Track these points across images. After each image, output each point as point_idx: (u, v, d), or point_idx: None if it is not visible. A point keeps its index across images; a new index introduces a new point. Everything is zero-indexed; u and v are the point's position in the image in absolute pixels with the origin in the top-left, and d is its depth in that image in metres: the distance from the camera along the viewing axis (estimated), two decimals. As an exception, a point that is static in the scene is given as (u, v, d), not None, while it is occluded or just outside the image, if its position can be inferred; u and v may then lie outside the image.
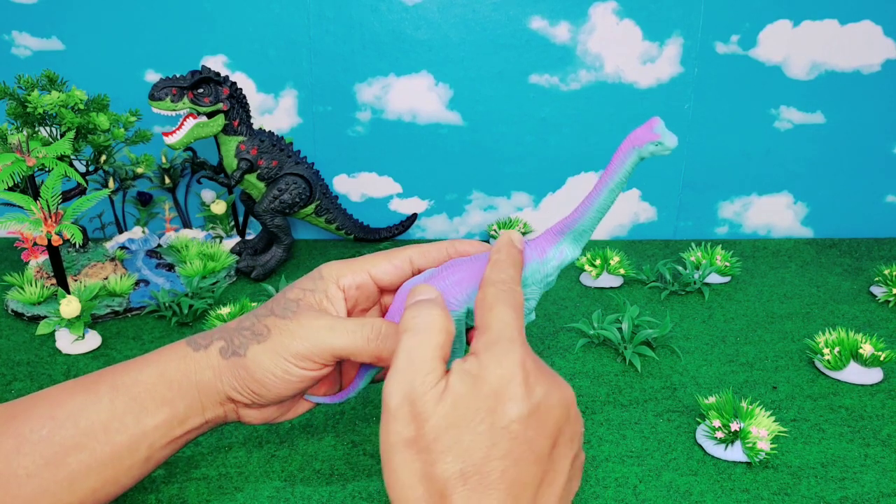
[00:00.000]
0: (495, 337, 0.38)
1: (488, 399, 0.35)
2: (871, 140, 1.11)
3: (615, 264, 0.95)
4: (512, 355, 0.36)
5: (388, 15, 1.03)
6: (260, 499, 0.55)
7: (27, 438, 0.43)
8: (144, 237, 1.01)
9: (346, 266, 0.49)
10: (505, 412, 0.35)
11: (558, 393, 0.37)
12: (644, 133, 0.44)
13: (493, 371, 0.36)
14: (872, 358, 0.72)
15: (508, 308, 0.39)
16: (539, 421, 0.36)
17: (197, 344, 0.47)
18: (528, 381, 0.36)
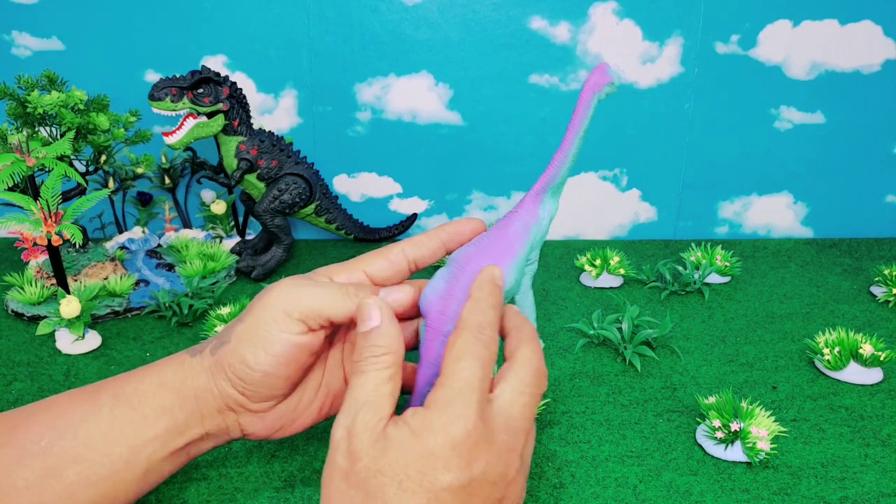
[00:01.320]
0: (452, 396, 0.37)
1: (422, 459, 0.35)
2: (871, 140, 1.11)
3: (615, 264, 0.95)
4: (461, 423, 0.35)
5: (388, 15, 1.03)
6: (260, 499, 0.55)
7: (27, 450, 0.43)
8: (144, 237, 1.01)
9: (339, 266, 0.48)
10: (436, 478, 0.35)
11: (499, 470, 0.36)
12: (600, 77, 0.46)
13: (436, 434, 0.35)
14: (872, 358, 0.72)
15: (477, 363, 0.38)
16: (471, 495, 0.35)
17: (195, 350, 0.47)
18: (470, 453, 0.35)
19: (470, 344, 0.39)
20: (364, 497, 0.35)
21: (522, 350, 0.41)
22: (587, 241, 1.15)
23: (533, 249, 0.48)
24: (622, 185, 1.12)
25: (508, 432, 0.37)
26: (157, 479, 0.46)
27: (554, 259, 1.07)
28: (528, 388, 0.39)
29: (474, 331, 0.39)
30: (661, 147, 1.10)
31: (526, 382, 0.40)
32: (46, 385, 0.71)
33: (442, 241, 0.48)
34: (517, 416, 0.38)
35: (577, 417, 0.66)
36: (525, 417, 0.39)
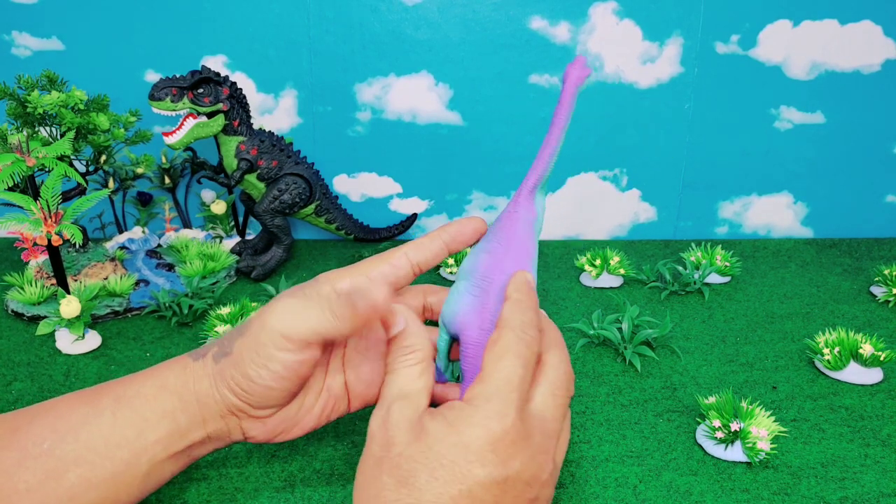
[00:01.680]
0: (491, 392, 0.37)
1: (457, 450, 0.35)
2: (871, 140, 1.11)
3: (615, 264, 0.95)
4: (499, 420, 0.36)
5: (388, 15, 1.03)
6: (260, 499, 0.55)
7: (29, 452, 0.43)
8: (144, 237, 1.01)
9: (343, 271, 0.48)
10: (470, 471, 0.35)
11: (533, 471, 0.36)
12: (581, 71, 0.48)
13: (473, 428, 0.36)
14: (872, 358, 0.72)
15: (518, 362, 0.38)
16: (505, 492, 0.35)
17: (197, 354, 0.47)
18: (507, 451, 0.35)
19: (512, 343, 0.39)
20: (396, 483, 0.35)
21: (552, 354, 0.41)
22: (587, 241, 1.15)
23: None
24: (622, 185, 1.12)
25: (543, 434, 0.37)
26: (158, 481, 0.46)
27: (554, 259, 1.07)
28: (560, 390, 0.40)
29: (517, 330, 0.40)
30: (661, 147, 1.10)
31: (557, 385, 0.40)
32: (46, 385, 0.71)
33: (444, 243, 0.49)
34: (550, 418, 0.38)
35: (577, 417, 0.66)
36: (557, 419, 0.39)
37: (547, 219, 1.14)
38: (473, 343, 0.43)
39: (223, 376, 0.45)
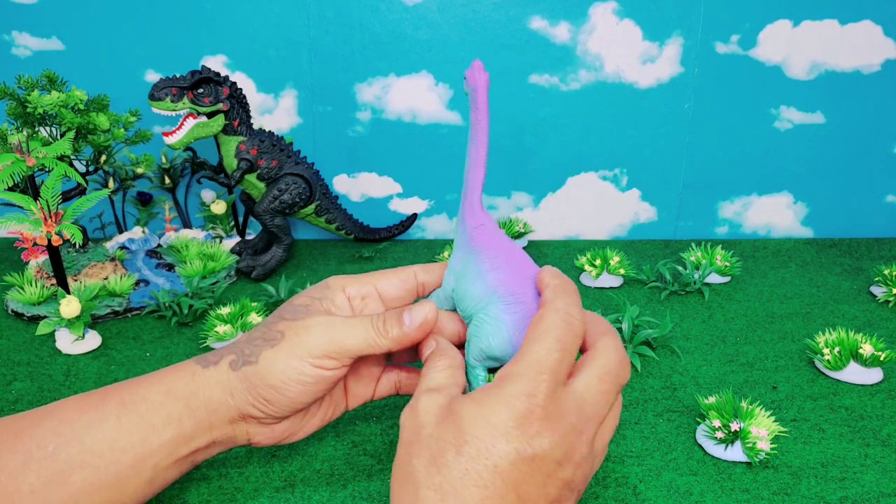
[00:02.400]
0: (521, 372, 0.37)
1: (482, 427, 0.35)
2: (871, 140, 1.11)
3: (615, 264, 0.95)
4: (526, 398, 0.36)
5: (388, 15, 1.03)
6: (260, 499, 0.55)
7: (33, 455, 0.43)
8: (144, 237, 1.01)
9: (352, 278, 0.50)
10: (495, 446, 0.35)
11: (564, 450, 0.36)
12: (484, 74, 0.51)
13: (499, 405, 0.36)
14: (872, 358, 0.72)
15: (557, 345, 0.38)
16: (533, 470, 0.35)
17: (206, 361, 0.47)
18: (532, 428, 0.35)
19: (553, 325, 0.39)
20: (426, 463, 0.36)
21: (604, 340, 0.41)
22: (587, 241, 1.15)
23: None
24: (622, 185, 1.12)
25: (580, 416, 0.37)
26: (161, 484, 0.47)
27: (554, 259, 1.07)
28: (608, 375, 0.39)
29: (560, 311, 0.39)
30: (661, 147, 1.10)
31: (606, 370, 0.39)
32: (46, 385, 0.71)
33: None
34: (592, 401, 0.38)
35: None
36: (600, 404, 0.38)
37: (547, 219, 1.14)
38: None
39: (244, 385, 0.45)
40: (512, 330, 0.43)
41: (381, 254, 1.08)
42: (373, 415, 0.67)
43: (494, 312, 0.44)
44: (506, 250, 0.47)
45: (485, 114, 0.49)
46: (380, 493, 0.56)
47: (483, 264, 0.46)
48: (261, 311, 0.81)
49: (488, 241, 0.47)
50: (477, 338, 0.44)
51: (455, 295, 0.48)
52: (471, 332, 0.45)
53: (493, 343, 0.44)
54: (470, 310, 0.46)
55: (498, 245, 0.47)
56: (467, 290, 0.46)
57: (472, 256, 0.47)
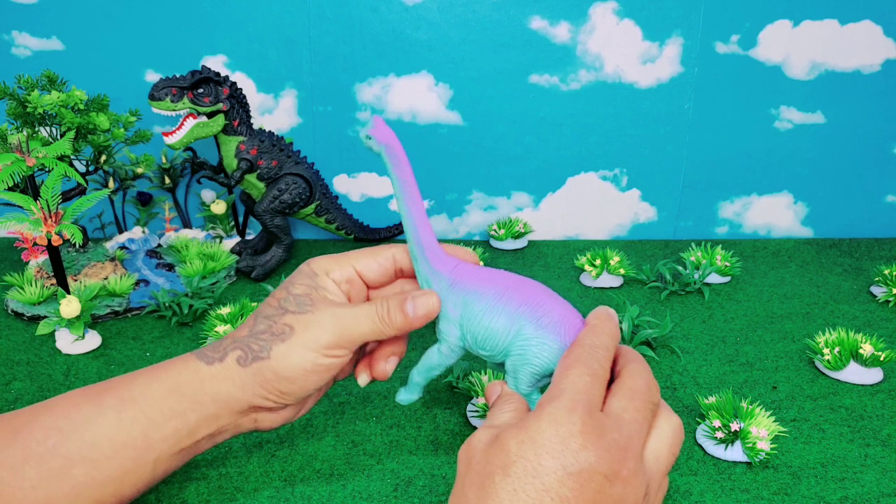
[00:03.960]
0: (558, 394, 0.38)
1: (525, 446, 0.36)
2: (871, 140, 1.11)
3: (615, 264, 0.95)
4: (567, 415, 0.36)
5: (388, 15, 1.03)
6: (260, 499, 0.55)
7: (33, 451, 0.43)
8: (144, 237, 1.01)
9: (332, 261, 0.50)
10: (540, 464, 0.35)
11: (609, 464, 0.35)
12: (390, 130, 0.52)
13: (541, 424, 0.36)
14: (872, 358, 0.72)
15: (586, 372, 0.39)
16: (583, 486, 0.35)
17: (209, 357, 0.47)
18: (576, 442, 0.35)
19: (581, 357, 0.40)
20: (476, 490, 0.36)
21: (630, 366, 0.43)
22: (587, 241, 1.15)
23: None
24: (622, 185, 1.12)
25: (621, 433, 0.38)
26: (164, 473, 0.47)
27: (554, 259, 1.07)
28: (638, 394, 0.40)
29: (587, 347, 0.41)
30: (661, 147, 1.10)
31: (636, 390, 0.40)
32: (46, 385, 0.71)
33: None
34: (629, 419, 0.39)
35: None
36: (637, 421, 0.39)
37: (547, 219, 1.14)
38: None
39: (256, 380, 0.46)
40: (555, 337, 0.44)
41: (381, 254, 1.08)
42: (373, 415, 0.67)
43: (530, 332, 0.45)
44: (492, 275, 0.48)
45: (408, 165, 0.50)
46: (380, 492, 0.56)
47: (487, 298, 0.47)
48: (261, 311, 0.81)
49: (473, 276, 0.48)
50: (525, 364, 0.45)
51: (470, 341, 0.48)
52: (514, 363, 0.46)
53: (545, 358, 0.44)
54: (501, 344, 0.46)
55: (483, 275, 0.48)
56: (488, 328, 0.46)
57: (467, 297, 0.47)
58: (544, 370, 0.45)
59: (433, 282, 0.50)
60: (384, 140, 0.50)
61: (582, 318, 0.46)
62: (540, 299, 0.45)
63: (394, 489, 0.57)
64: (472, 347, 0.48)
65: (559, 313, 0.45)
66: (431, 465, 0.60)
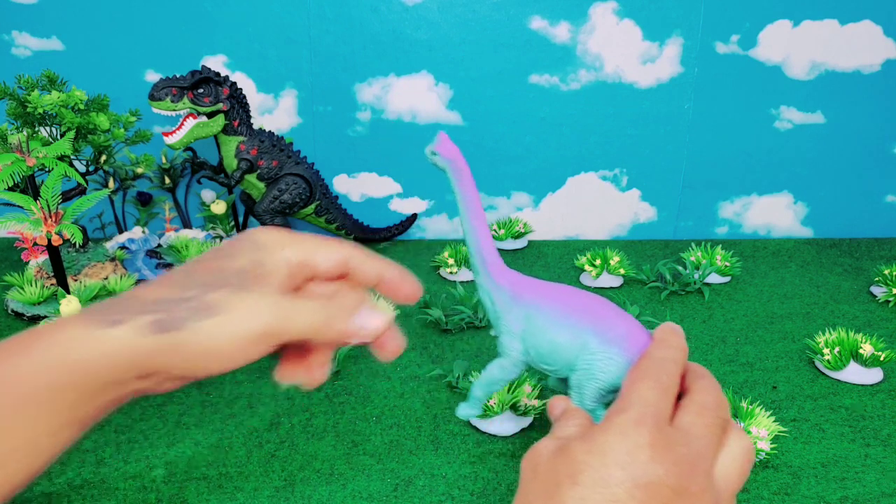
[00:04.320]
0: (626, 406, 0.38)
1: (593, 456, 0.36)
2: (871, 140, 1.11)
3: (615, 264, 0.95)
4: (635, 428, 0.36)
5: (388, 15, 1.03)
6: (260, 499, 0.55)
7: None
8: (144, 237, 1.01)
9: (290, 239, 0.44)
10: (609, 474, 0.35)
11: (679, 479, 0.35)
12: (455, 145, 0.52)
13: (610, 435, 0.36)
14: (872, 358, 0.72)
15: (654, 384, 0.39)
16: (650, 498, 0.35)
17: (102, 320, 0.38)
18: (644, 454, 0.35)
19: (649, 370, 0.40)
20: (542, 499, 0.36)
21: (700, 382, 0.42)
22: (587, 241, 1.15)
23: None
24: (622, 185, 1.12)
25: (689, 447, 0.37)
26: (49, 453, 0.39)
27: (554, 259, 1.07)
28: (709, 410, 0.40)
29: (656, 360, 0.40)
30: (661, 147, 1.10)
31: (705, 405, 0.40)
32: (46, 385, 0.71)
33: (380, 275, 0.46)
34: (698, 434, 0.39)
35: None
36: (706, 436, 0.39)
37: (547, 219, 1.14)
38: None
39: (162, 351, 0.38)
40: (621, 351, 0.44)
41: (381, 254, 1.07)
42: (373, 415, 0.67)
43: (595, 346, 0.45)
44: (554, 289, 0.48)
45: (472, 180, 0.50)
46: (380, 492, 0.56)
47: (550, 312, 0.46)
48: (261, 311, 0.81)
49: (535, 290, 0.48)
50: (591, 379, 0.45)
51: (533, 356, 0.48)
52: (579, 378, 0.46)
53: (611, 372, 0.44)
54: (565, 359, 0.46)
55: (545, 289, 0.48)
56: (552, 342, 0.46)
57: (530, 310, 0.47)
58: (610, 385, 0.45)
59: (495, 295, 0.50)
60: (449, 156, 0.50)
61: (648, 332, 0.45)
62: (604, 313, 0.45)
63: (394, 489, 0.57)
64: (536, 362, 0.48)
65: (624, 327, 0.44)
66: (431, 465, 0.60)
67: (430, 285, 0.96)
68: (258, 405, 0.68)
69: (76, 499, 0.56)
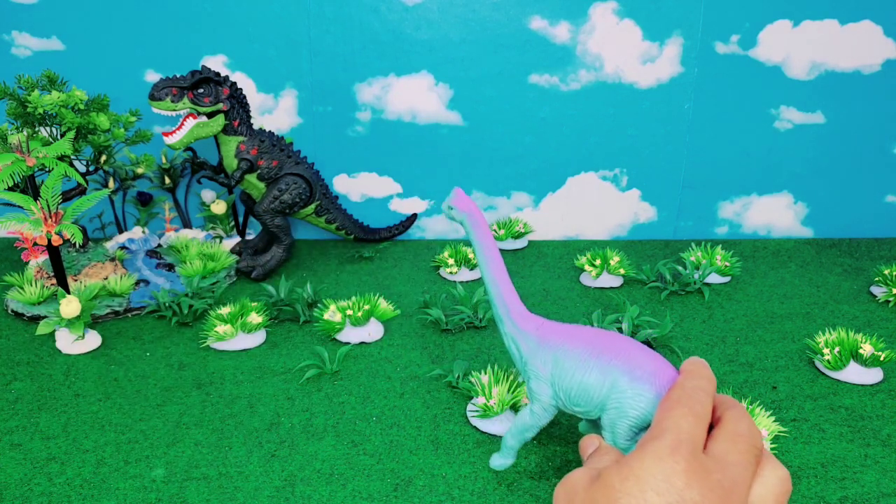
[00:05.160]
0: (660, 433, 0.38)
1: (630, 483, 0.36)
2: (871, 140, 1.11)
3: (615, 264, 0.95)
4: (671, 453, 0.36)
5: (388, 15, 1.03)
6: (260, 499, 0.55)
7: None
8: (144, 237, 1.01)
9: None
10: (645, 500, 0.35)
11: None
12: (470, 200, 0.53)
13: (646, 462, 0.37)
14: (872, 358, 0.72)
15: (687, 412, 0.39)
16: None
17: None
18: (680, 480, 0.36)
19: (682, 399, 0.41)
20: None
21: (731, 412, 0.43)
22: (587, 241, 1.15)
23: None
24: (622, 185, 1.12)
25: (725, 474, 0.38)
26: None
27: (554, 259, 1.07)
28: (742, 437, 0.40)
29: (687, 388, 0.41)
30: (661, 147, 1.10)
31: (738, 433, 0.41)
32: (46, 385, 0.71)
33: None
34: (733, 461, 0.39)
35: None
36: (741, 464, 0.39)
37: (547, 219, 1.14)
38: None
39: None
40: (650, 387, 0.45)
41: (381, 254, 1.08)
42: (373, 415, 0.67)
43: (625, 384, 0.46)
44: (578, 331, 0.49)
45: (488, 230, 0.52)
46: (380, 492, 0.56)
47: (577, 353, 0.48)
48: (261, 311, 0.81)
49: (560, 333, 0.49)
50: (622, 416, 0.46)
51: (563, 398, 0.49)
52: (611, 417, 0.46)
53: (642, 409, 0.45)
54: (596, 399, 0.47)
55: (569, 331, 0.49)
56: (582, 383, 0.47)
57: (557, 353, 0.49)
58: (642, 421, 0.46)
59: (520, 341, 0.51)
60: (465, 209, 0.51)
61: (674, 367, 0.46)
62: (630, 352, 0.46)
63: (394, 489, 0.57)
64: (566, 405, 0.49)
65: (651, 364, 0.45)
66: (431, 465, 0.60)
67: (430, 285, 0.96)
68: (258, 405, 0.68)
69: (76, 499, 0.56)
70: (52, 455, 0.61)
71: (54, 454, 0.61)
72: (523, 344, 0.51)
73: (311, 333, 0.82)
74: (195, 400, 0.69)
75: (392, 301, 0.88)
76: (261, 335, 0.81)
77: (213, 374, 0.73)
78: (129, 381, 0.72)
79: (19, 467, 0.59)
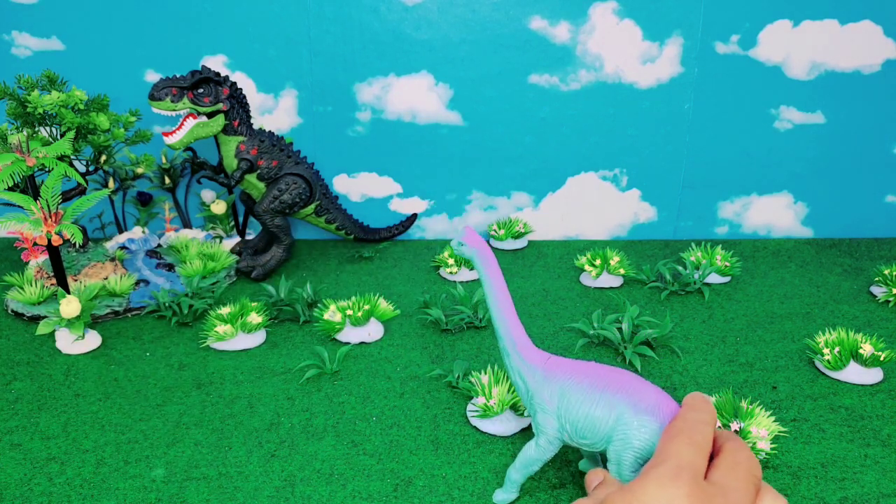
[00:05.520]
0: (662, 460, 0.39)
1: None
2: (871, 140, 1.11)
3: (615, 264, 0.95)
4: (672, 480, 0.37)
5: (388, 15, 1.03)
6: (260, 499, 0.55)
7: None
8: (144, 237, 1.01)
9: None
10: None
11: None
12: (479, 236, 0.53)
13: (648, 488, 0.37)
14: (872, 358, 0.72)
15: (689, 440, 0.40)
16: None
17: None
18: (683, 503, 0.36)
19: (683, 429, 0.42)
20: None
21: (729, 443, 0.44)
22: (587, 241, 1.15)
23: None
24: (622, 185, 1.12)
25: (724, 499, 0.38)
26: None
27: (554, 259, 1.07)
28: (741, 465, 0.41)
29: (689, 420, 0.42)
30: (661, 147, 1.10)
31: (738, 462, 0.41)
32: (46, 385, 0.71)
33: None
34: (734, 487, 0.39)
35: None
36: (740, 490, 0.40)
37: (547, 219, 1.14)
38: None
39: None
40: (654, 419, 0.46)
41: (381, 254, 1.08)
42: (372, 415, 0.67)
43: (630, 416, 0.47)
44: (583, 366, 0.50)
45: (497, 267, 0.53)
46: (380, 493, 0.56)
47: (583, 387, 0.49)
48: (261, 311, 0.81)
49: (566, 368, 0.51)
50: (628, 448, 0.47)
51: (570, 431, 0.50)
52: (617, 449, 0.48)
53: (646, 440, 0.47)
54: (602, 432, 0.48)
55: (575, 366, 0.50)
56: (588, 416, 0.49)
57: (563, 387, 0.50)
58: (646, 453, 0.47)
59: (527, 375, 0.52)
60: (475, 245, 0.52)
61: (675, 402, 0.47)
62: (634, 386, 0.48)
63: (394, 489, 0.57)
64: (572, 437, 0.50)
65: (654, 398, 0.47)
66: (431, 465, 0.60)
67: (430, 285, 0.96)
68: (258, 405, 0.68)
69: (76, 499, 0.56)
70: (52, 455, 0.61)
71: (54, 454, 0.61)
72: (530, 377, 0.52)
73: (311, 333, 0.82)
74: (195, 400, 0.69)
75: (392, 301, 0.88)
76: (261, 335, 0.81)
77: (213, 374, 0.73)
78: (129, 381, 0.72)
79: (19, 467, 0.59)
